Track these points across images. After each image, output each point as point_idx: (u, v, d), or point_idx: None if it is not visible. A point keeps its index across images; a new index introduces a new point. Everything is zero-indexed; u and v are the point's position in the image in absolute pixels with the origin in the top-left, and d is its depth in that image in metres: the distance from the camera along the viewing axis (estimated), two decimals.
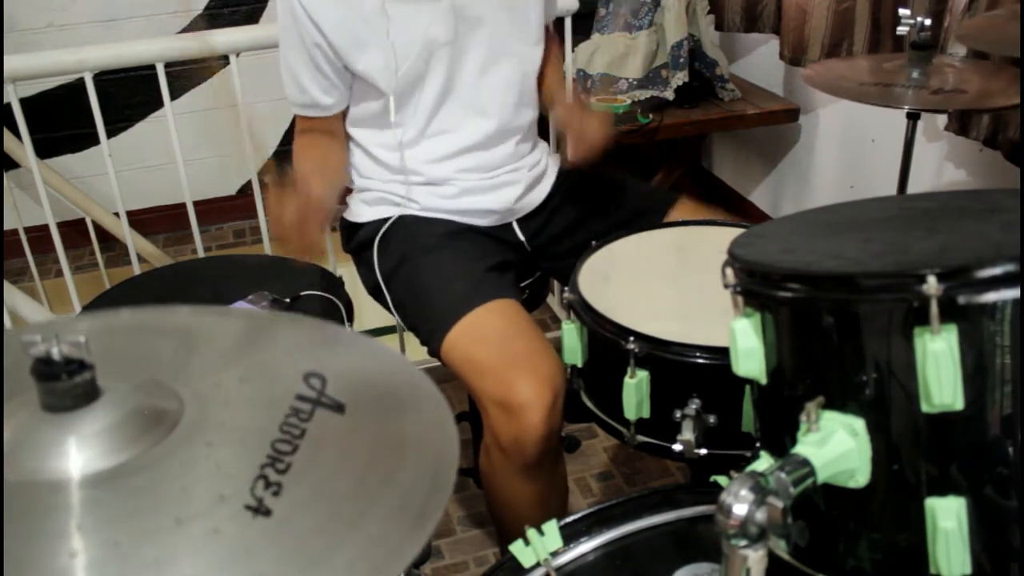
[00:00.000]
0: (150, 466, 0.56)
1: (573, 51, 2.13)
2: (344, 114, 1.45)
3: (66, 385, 0.56)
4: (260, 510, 0.53)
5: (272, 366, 0.69)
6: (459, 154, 1.42)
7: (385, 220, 1.43)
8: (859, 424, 0.65)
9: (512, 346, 1.24)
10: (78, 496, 0.54)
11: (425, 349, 1.34)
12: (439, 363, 1.32)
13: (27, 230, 2.35)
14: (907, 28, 1.56)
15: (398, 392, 0.66)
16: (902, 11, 1.58)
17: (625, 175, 1.57)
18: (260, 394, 0.64)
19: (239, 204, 3.28)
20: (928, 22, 1.54)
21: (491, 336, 1.26)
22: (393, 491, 0.56)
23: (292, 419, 0.61)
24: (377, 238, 1.42)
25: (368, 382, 0.68)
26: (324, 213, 1.21)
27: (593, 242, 1.33)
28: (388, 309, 1.44)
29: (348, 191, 1.53)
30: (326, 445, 0.59)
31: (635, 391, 1.08)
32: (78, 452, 0.55)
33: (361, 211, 1.47)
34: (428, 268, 1.36)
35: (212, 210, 3.21)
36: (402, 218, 1.43)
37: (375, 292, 1.46)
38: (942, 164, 2.02)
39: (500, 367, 1.22)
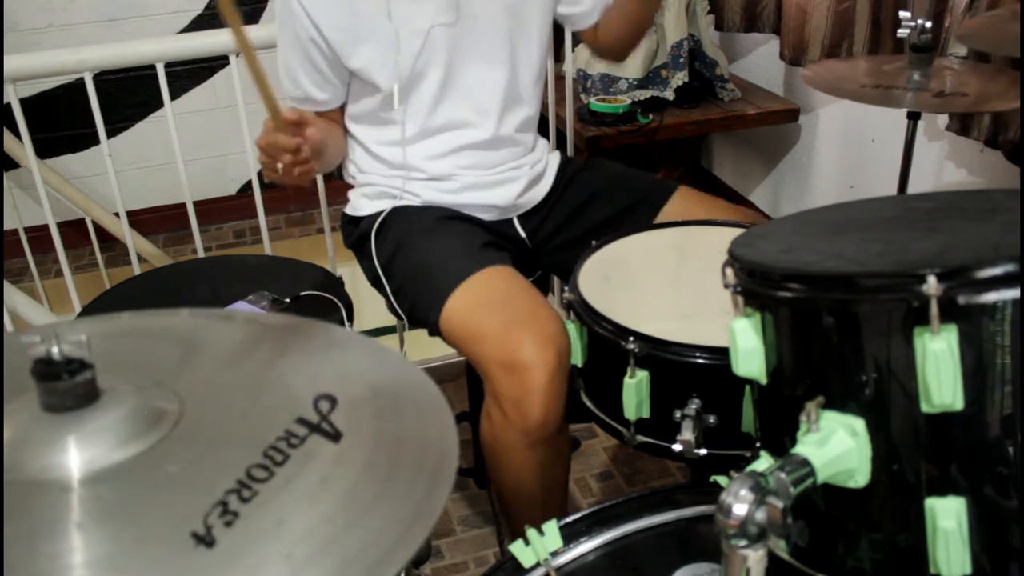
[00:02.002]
0: (126, 478, 0.55)
1: (573, 51, 2.13)
2: (342, 110, 1.45)
3: (67, 385, 0.56)
4: (204, 540, 0.50)
5: (285, 381, 0.66)
6: (459, 151, 1.42)
7: (384, 211, 1.43)
8: (859, 424, 0.65)
9: (513, 306, 1.21)
10: (55, 500, 0.53)
11: (426, 349, 1.34)
12: (440, 363, 1.32)
13: (27, 230, 2.36)
14: (907, 31, 1.56)
15: (404, 419, 0.63)
16: (902, 13, 1.58)
17: (622, 165, 1.57)
18: (262, 411, 0.62)
19: (239, 204, 3.28)
20: (928, 24, 1.54)
21: (491, 299, 1.24)
22: (352, 540, 0.52)
23: (281, 443, 0.58)
24: (376, 228, 1.42)
25: (377, 401, 0.64)
26: (311, 133, 1.17)
27: (593, 242, 1.33)
28: (388, 299, 1.44)
29: (349, 187, 1.53)
30: (303, 478, 0.56)
31: (635, 391, 1.08)
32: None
33: (361, 205, 1.47)
34: (424, 246, 1.35)
35: (212, 210, 3.21)
36: (400, 208, 1.43)
37: (376, 283, 1.46)
38: (942, 164, 2.02)
39: (502, 328, 1.19)
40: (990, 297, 0.59)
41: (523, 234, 1.51)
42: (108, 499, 0.53)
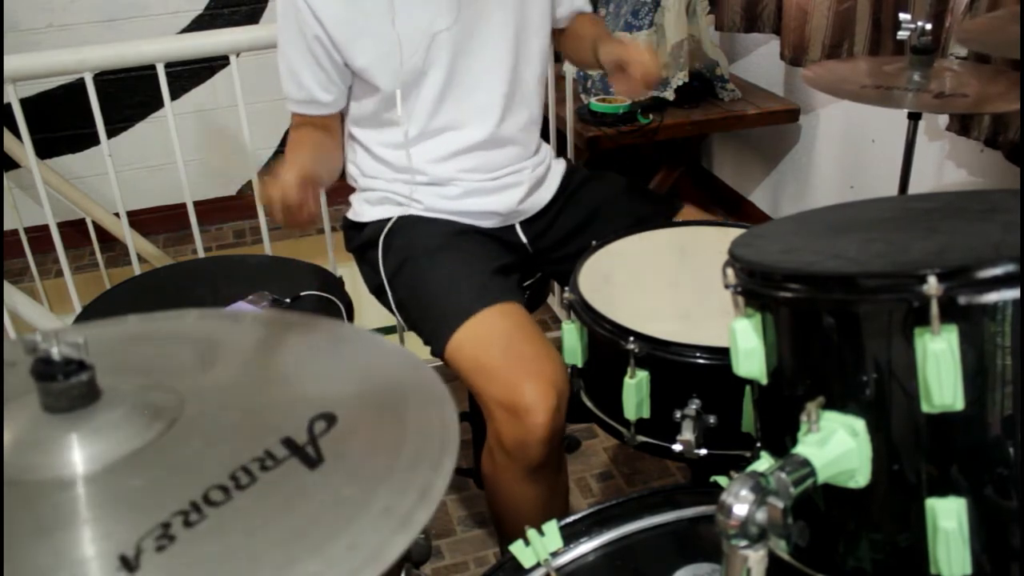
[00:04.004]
0: (90, 487, 0.53)
1: None
2: (342, 115, 1.45)
3: (63, 386, 0.56)
4: (128, 564, 0.48)
5: (291, 390, 0.64)
6: (461, 153, 1.41)
7: (388, 220, 1.43)
8: (859, 424, 0.65)
9: (517, 350, 1.24)
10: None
11: (426, 350, 1.34)
12: (440, 363, 1.32)
13: (27, 230, 2.35)
14: (907, 32, 1.56)
15: (402, 444, 0.59)
16: (902, 15, 1.58)
17: (629, 180, 1.57)
18: (253, 427, 0.60)
19: (239, 204, 3.28)
20: (928, 26, 1.54)
21: (496, 340, 1.26)
22: None
23: (253, 464, 0.55)
24: (381, 238, 1.42)
25: (380, 420, 0.61)
26: (313, 182, 1.18)
27: (593, 242, 1.33)
28: (390, 309, 1.44)
29: (351, 190, 1.53)
30: (257, 509, 0.52)
31: (635, 391, 1.08)
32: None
33: (364, 211, 1.47)
34: (431, 269, 1.36)
35: (212, 210, 3.21)
36: (405, 218, 1.43)
37: (378, 292, 1.46)
38: (943, 164, 2.02)
39: (505, 370, 1.22)
40: (990, 297, 0.58)
41: (524, 239, 1.50)
42: (65, 508, 0.52)
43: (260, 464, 0.55)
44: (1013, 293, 0.58)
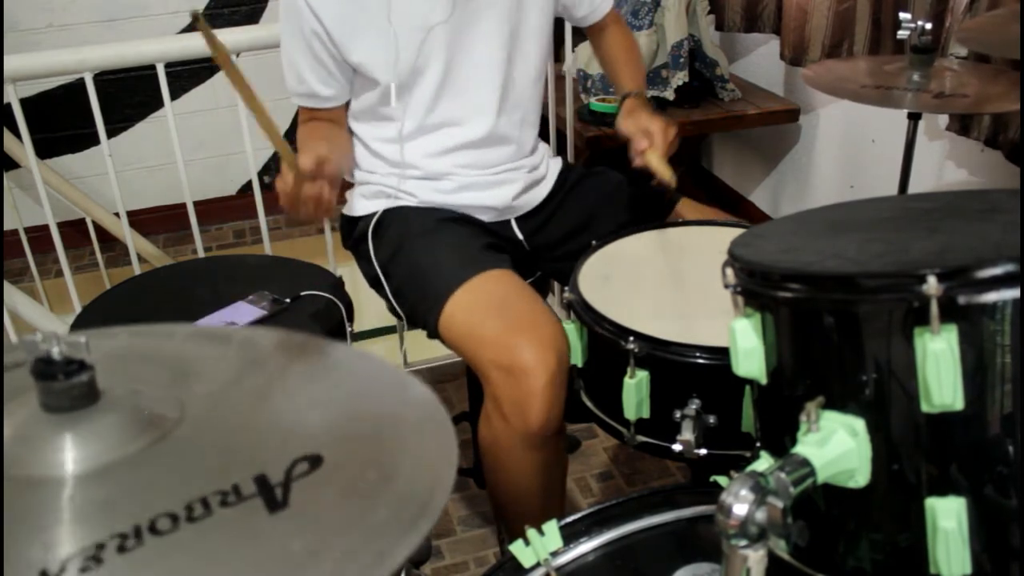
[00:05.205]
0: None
1: (573, 51, 2.13)
2: (347, 107, 1.45)
3: (64, 385, 0.56)
4: None
5: (279, 422, 0.61)
6: (458, 149, 1.42)
7: (382, 211, 1.43)
8: (859, 424, 0.65)
9: (513, 311, 1.22)
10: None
11: (426, 349, 1.34)
12: (440, 363, 1.32)
13: (27, 230, 2.36)
14: (907, 32, 1.56)
15: (382, 492, 0.55)
16: (903, 15, 1.58)
17: (625, 175, 1.57)
18: (231, 456, 0.57)
19: (239, 204, 3.28)
20: (928, 26, 1.54)
21: (490, 303, 1.24)
22: None
23: (214, 498, 0.52)
24: (370, 228, 1.43)
25: (363, 466, 0.57)
26: (329, 169, 1.16)
27: (593, 242, 1.32)
28: (388, 299, 1.44)
29: (349, 186, 1.53)
30: (196, 547, 0.49)
31: (635, 391, 1.08)
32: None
33: (359, 205, 1.47)
34: (424, 248, 1.36)
35: (212, 210, 3.21)
36: (400, 208, 1.43)
37: (375, 283, 1.46)
38: (943, 164, 2.02)
39: (502, 332, 1.19)
40: (990, 297, 0.58)
41: (520, 236, 1.51)
42: (21, 512, 0.51)
43: (222, 499, 0.52)
44: (1013, 293, 0.58)
